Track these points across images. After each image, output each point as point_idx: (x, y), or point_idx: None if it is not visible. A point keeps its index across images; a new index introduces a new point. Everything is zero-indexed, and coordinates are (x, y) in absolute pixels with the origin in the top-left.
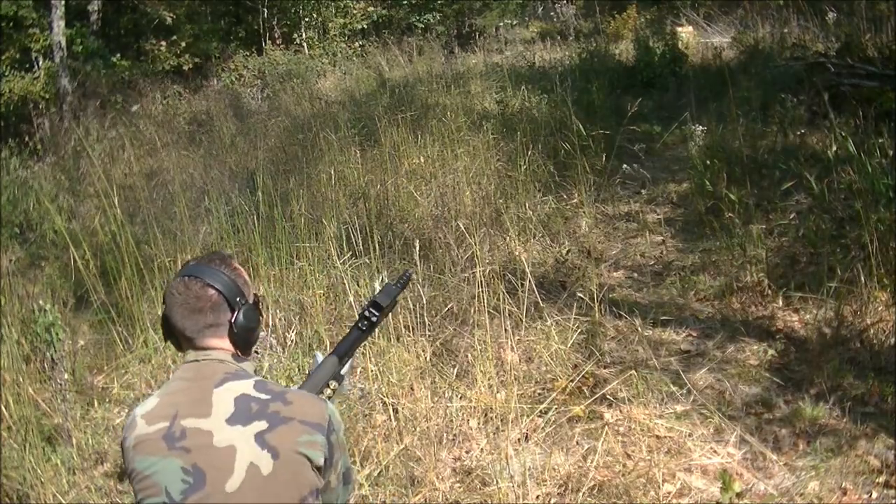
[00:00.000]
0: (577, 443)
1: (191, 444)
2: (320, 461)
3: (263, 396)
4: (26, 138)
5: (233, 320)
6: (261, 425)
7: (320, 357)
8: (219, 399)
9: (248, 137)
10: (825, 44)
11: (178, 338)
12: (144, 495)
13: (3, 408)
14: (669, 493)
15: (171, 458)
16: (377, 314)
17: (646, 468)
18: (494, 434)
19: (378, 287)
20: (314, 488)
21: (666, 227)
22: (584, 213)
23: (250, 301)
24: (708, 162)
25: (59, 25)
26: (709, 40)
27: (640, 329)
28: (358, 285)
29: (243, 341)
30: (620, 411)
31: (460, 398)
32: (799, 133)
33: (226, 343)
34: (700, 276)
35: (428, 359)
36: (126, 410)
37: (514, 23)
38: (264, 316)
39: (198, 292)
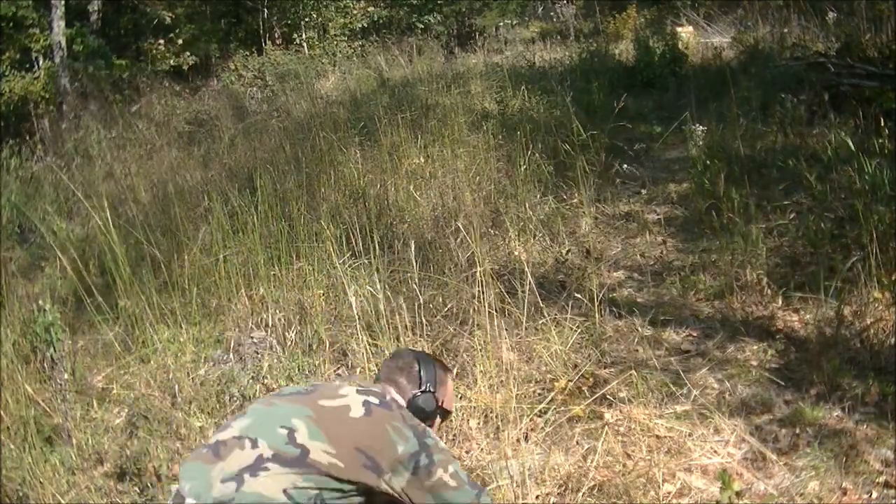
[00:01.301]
0: (577, 443)
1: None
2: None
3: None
4: (26, 138)
5: (415, 393)
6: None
7: None
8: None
9: (247, 137)
10: (825, 44)
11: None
12: None
13: (2, 408)
14: (669, 493)
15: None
16: None
17: (646, 468)
18: (494, 434)
19: None
20: None
21: (666, 227)
22: (584, 213)
23: (438, 400)
24: (708, 162)
25: (59, 25)
26: (709, 40)
27: (640, 329)
28: (358, 285)
29: (417, 415)
30: (620, 411)
31: (460, 398)
32: (799, 133)
33: (399, 398)
34: (700, 276)
35: None
36: (126, 410)
37: (514, 23)
38: (443, 422)
39: (408, 361)
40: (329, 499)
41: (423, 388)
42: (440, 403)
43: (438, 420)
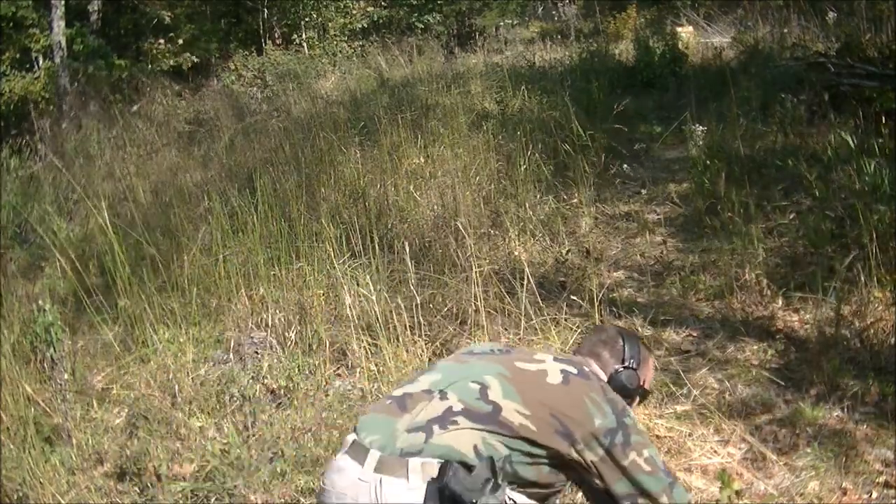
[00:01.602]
0: None
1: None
2: None
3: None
4: (26, 138)
5: (617, 368)
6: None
7: None
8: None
9: (247, 137)
10: (825, 44)
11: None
12: None
13: (2, 408)
14: None
15: None
16: None
17: None
18: None
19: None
20: None
21: (666, 227)
22: (584, 213)
23: (640, 378)
24: (708, 162)
25: (59, 25)
26: (709, 40)
27: (640, 329)
28: (358, 285)
29: (616, 392)
30: None
31: None
32: (799, 133)
33: (599, 372)
34: (700, 276)
35: (427, 359)
36: (126, 410)
37: (515, 23)
38: (640, 403)
39: (612, 335)
40: (518, 462)
41: (626, 363)
42: (642, 382)
43: (637, 400)
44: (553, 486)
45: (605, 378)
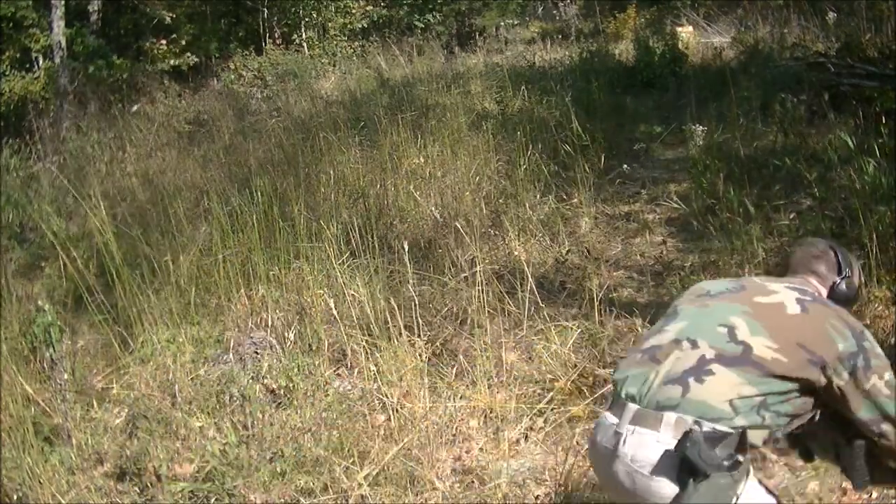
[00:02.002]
0: (578, 443)
1: None
2: None
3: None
4: (26, 138)
5: (835, 280)
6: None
7: None
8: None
9: (247, 137)
10: (825, 44)
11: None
12: None
13: (1, 408)
14: None
15: None
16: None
17: None
18: (494, 434)
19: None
20: None
21: (666, 227)
22: (584, 213)
23: (854, 282)
24: (708, 162)
25: (59, 25)
26: (709, 40)
27: (640, 329)
28: (358, 285)
29: (838, 303)
30: None
31: (459, 398)
32: (799, 133)
33: (818, 287)
34: (700, 276)
35: (427, 359)
36: (126, 410)
37: (515, 23)
38: (858, 300)
39: (823, 248)
40: (772, 404)
41: (843, 273)
42: (856, 291)
43: (852, 305)
44: (809, 411)
45: (825, 293)
